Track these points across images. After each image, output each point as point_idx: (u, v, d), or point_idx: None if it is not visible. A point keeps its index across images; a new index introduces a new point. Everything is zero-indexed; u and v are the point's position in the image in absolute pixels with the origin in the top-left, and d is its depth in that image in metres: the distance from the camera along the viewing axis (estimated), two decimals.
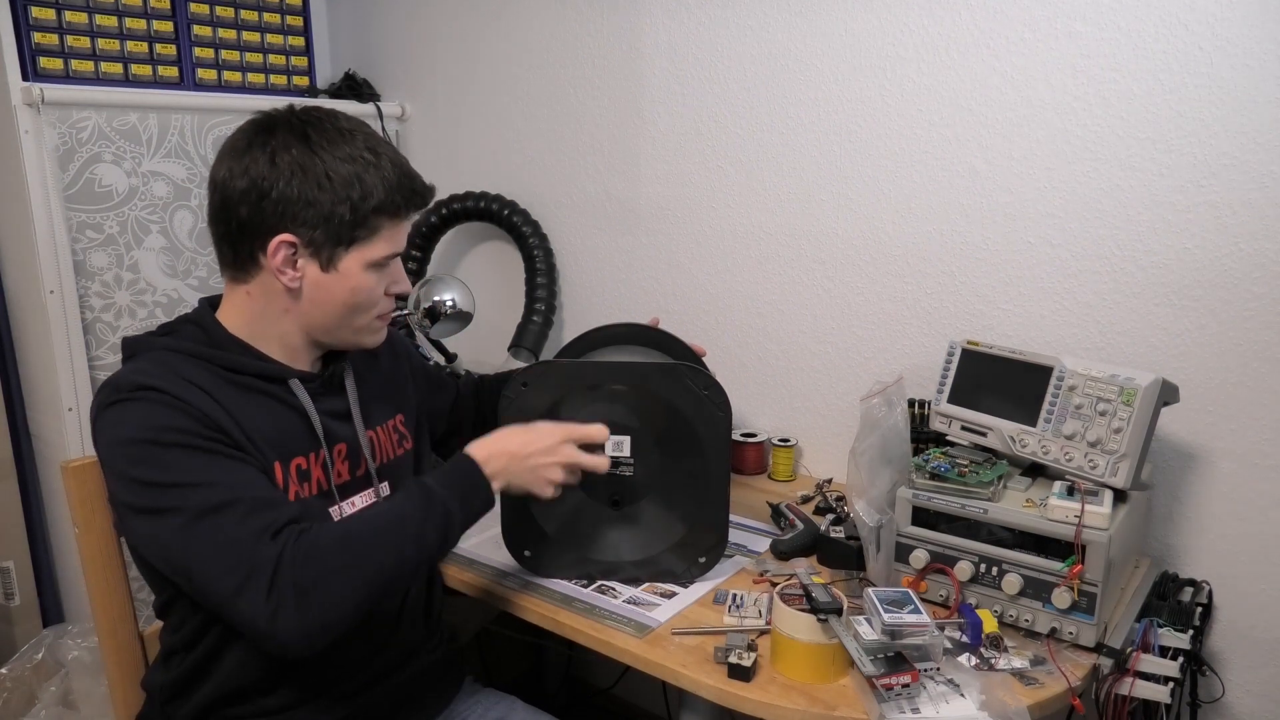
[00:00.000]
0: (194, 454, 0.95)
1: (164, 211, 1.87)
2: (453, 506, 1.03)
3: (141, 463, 0.95)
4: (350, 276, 1.05)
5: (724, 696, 1.04)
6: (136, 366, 1.01)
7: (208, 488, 0.94)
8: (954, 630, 1.12)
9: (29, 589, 1.96)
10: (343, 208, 1.01)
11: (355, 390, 1.16)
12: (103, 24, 1.81)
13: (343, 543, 0.96)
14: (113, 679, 1.20)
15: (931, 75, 1.49)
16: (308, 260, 1.03)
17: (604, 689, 2.05)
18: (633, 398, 1.24)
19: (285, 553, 0.92)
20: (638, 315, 1.87)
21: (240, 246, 1.04)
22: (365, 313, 1.09)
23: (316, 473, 1.09)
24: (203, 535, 0.93)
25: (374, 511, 1.03)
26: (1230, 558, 1.34)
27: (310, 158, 1.00)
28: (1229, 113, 1.25)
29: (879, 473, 1.22)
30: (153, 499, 0.95)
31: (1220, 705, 1.37)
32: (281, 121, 1.03)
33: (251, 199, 1.00)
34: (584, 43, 1.88)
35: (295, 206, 1.00)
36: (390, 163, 1.05)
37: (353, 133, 1.04)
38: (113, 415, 0.97)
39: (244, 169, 1.01)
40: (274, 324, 1.07)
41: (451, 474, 1.06)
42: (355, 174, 1.02)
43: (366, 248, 1.05)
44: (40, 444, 1.93)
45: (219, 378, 1.03)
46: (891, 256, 1.59)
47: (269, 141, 1.01)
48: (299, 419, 1.08)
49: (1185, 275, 1.32)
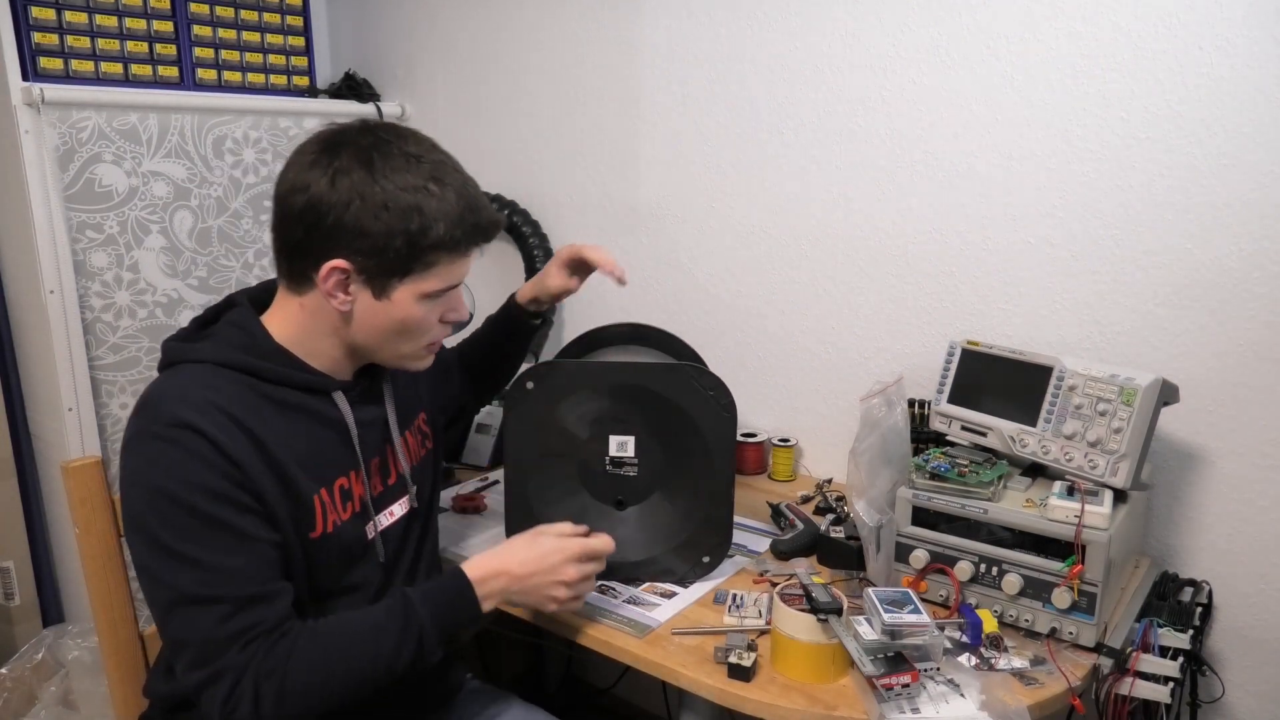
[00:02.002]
0: (209, 527, 0.94)
1: (164, 211, 1.87)
2: (430, 633, 1.01)
3: (158, 516, 0.93)
4: (402, 307, 1.02)
5: (724, 696, 1.04)
6: (180, 389, 0.97)
7: (206, 572, 0.93)
8: (954, 630, 1.12)
9: (29, 589, 1.96)
10: (398, 240, 0.98)
11: (392, 398, 1.16)
12: (103, 24, 1.81)
13: (314, 660, 0.96)
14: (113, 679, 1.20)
15: (931, 75, 1.49)
16: (360, 287, 1.00)
17: (604, 689, 2.05)
18: (637, 398, 1.24)
19: (253, 665, 0.93)
20: (638, 315, 1.86)
21: (294, 263, 1.01)
22: (415, 340, 1.07)
23: (357, 489, 1.09)
24: (185, 620, 0.94)
25: (352, 625, 1.00)
26: (1230, 558, 1.34)
27: (370, 185, 0.97)
28: (1229, 113, 1.25)
29: (879, 473, 1.22)
30: (155, 560, 0.94)
31: (1220, 705, 1.37)
32: (349, 140, 0.99)
33: (307, 220, 0.97)
34: (584, 43, 1.88)
35: (349, 234, 0.97)
36: (455, 194, 1.01)
37: (420, 159, 1.00)
38: (148, 450, 0.95)
39: (304, 186, 0.97)
40: (322, 339, 1.05)
41: (441, 593, 1.04)
42: (415, 205, 0.98)
43: (422, 280, 1.02)
44: (40, 444, 1.93)
45: (260, 396, 1.00)
46: (891, 256, 1.59)
47: (333, 162, 0.98)
48: (337, 435, 1.07)
49: (1185, 275, 1.32)
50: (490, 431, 1.77)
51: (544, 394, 1.24)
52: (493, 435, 1.76)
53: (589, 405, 1.25)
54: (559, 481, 1.28)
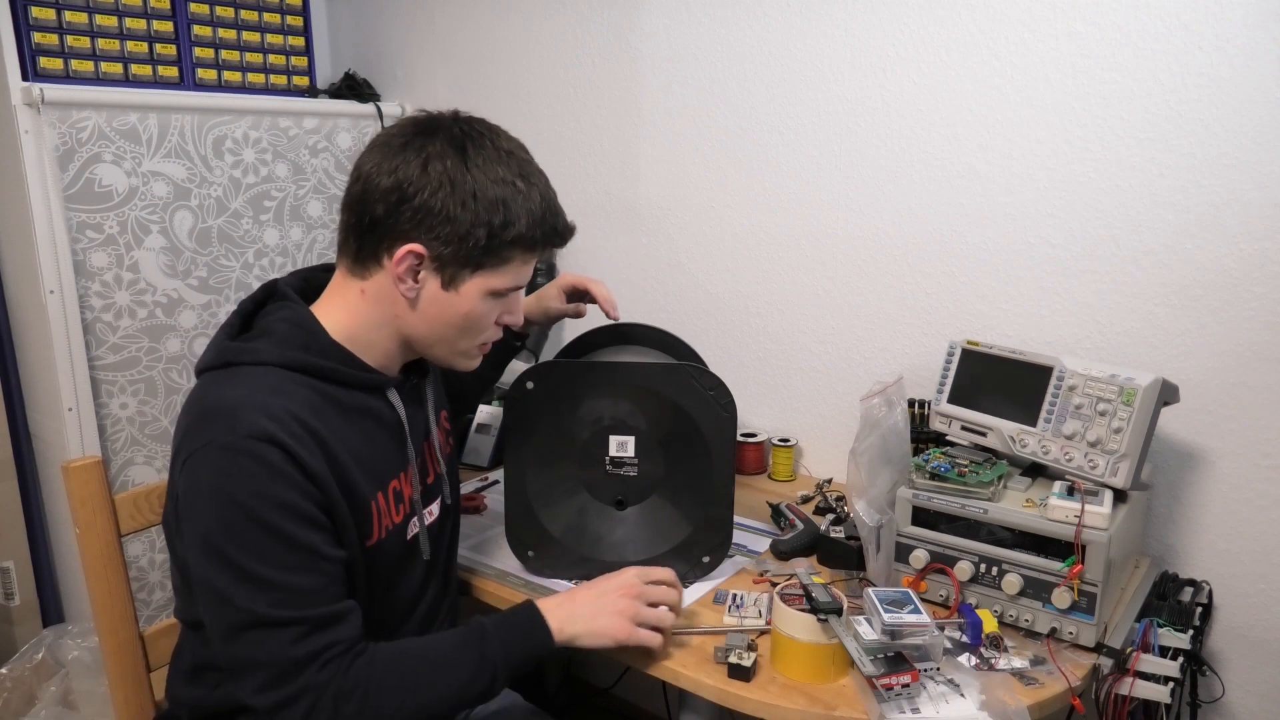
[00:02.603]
0: (285, 545, 0.91)
1: (164, 211, 1.87)
2: (502, 669, 1.00)
3: (232, 534, 0.91)
4: (468, 300, 1.02)
5: (724, 696, 1.04)
6: (254, 397, 0.94)
7: (281, 593, 0.91)
8: (954, 630, 1.12)
9: (29, 589, 1.96)
10: (481, 230, 0.98)
11: (431, 396, 1.15)
12: (103, 24, 1.81)
13: (393, 684, 0.95)
14: (113, 679, 1.20)
15: (931, 75, 1.49)
16: (430, 274, 1.00)
17: (604, 689, 2.05)
18: (637, 397, 1.24)
19: (333, 684, 0.92)
20: (638, 315, 1.87)
21: (366, 242, 1.00)
22: (472, 338, 1.07)
23: (407, 490, 1.08)
24: (257, 642, 0.91)
25: (429, 652, 1.00)
26: (1230, 558, 1.34)
27: (462, 173, 0.97)
28: (1228, 113, 1.25)
29: (879, 473, 1.22)
30: (227, 582, 0.91)
31: (1220, 705, 1.37)
32: (443, 127, 1.00)
33: (392, 199, 0.97)
34: (584, 43, 1.88)
35: (433, 219, 0.97)
36: (540, 195, 1.02)
37: (510, 154, 1.01)
38: (223, 463, 0.91)
39: (393, 167, 0.97)
40: (378, 329, 1.04)
41: (514, 625, 1.04)
42: (502, 199, 0.98)
43: (492, 275, 1.02)
44: (40, 444, 1.93)
45: (323, 398, 0.99)
46: (891, 256, 1.59)
47: (426, 146, 0.97)
48: (390, 435, 1.06)
49: (1185, 275, 1.32)
50: (490, 431, 1.77)
51: (544, 394, 1.24)
52: (493, 435, 1.76)
53: (589, 405, 1.25)
54: (559, 481, 1.28)
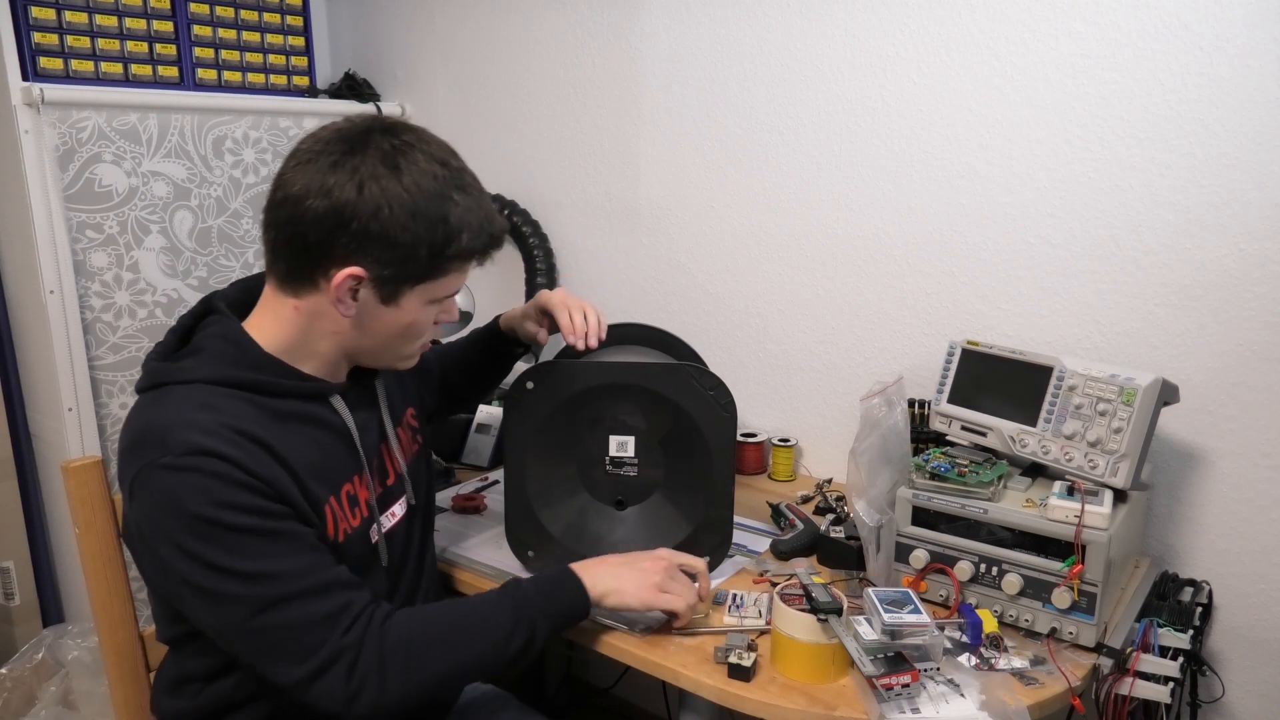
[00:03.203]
0: (260, 539, 0.91)
1: (164, 211, 1.87)
2: (542, 622, 1.02)
3: (203, 542, 0.89)
4: (409, 312, 1.01)
5: (724, 696, 1.04)
6: (182, 415, 0.92)
7: (272, 580, 0.90)
8: (954, 630, 1.12)
9: (29, 589, 1.96)
10: (423, 250, 0.96)
11: (384, 396, 1.15)
12: (103, 24, 1.81)
13: (435, 638, 0.96)
14: (113, 679, 1.20)
15: (931, 75, 1.49)
16: (369, 292, 0.98)
17: (604, 689, 2.05)
18: (637, 398, 1.24)
19: (368, 643, 0.92)
20: (638, 315, 1.87)
21: (300, 264, 0.97)
22: (412, 343, 1.07)
23: (362, 494, 1.08)
24: (270, 626, 0.91)
25: (465, 608, 1.01)
26: (1230, 558, 1.34)
27: (400, 192, 0.93)
28: (1229, 113, 1.25)
29: (879, 473, 1.22)
30: (214, 582, 0.90)
31: (1220, 705, 1.37)
32: (372, 141, 0.95)
33: (328, 225, 0.93)
34: (584, 43, 1.88)
35: (373, 243, 0.94)
36: (477, 204, 0.99)
37: (444, 164, 0.98)
38: (169, 481, 0.89)
39: (325, 189, 0.92)
40: (317, 342, 1.02)
41: (552, 582, 1.06)
42: (442, 216, 0.96)
43: (433, 287, 1.01)
44: (40, 444, 1.93)
45: (260, 410, 0.96)
46: (891, 256, 1.59)
47: (358, 165, 0.93)
48: (338, 439, 1.05)
49: (1185, 275, 1.32)
50: (490, 431, 1.77)
51: (544, 394, 1.24)
52: (493, 435, 1.76)
53: (589, 405, 1.25)
54: (559, 481, 1.28)
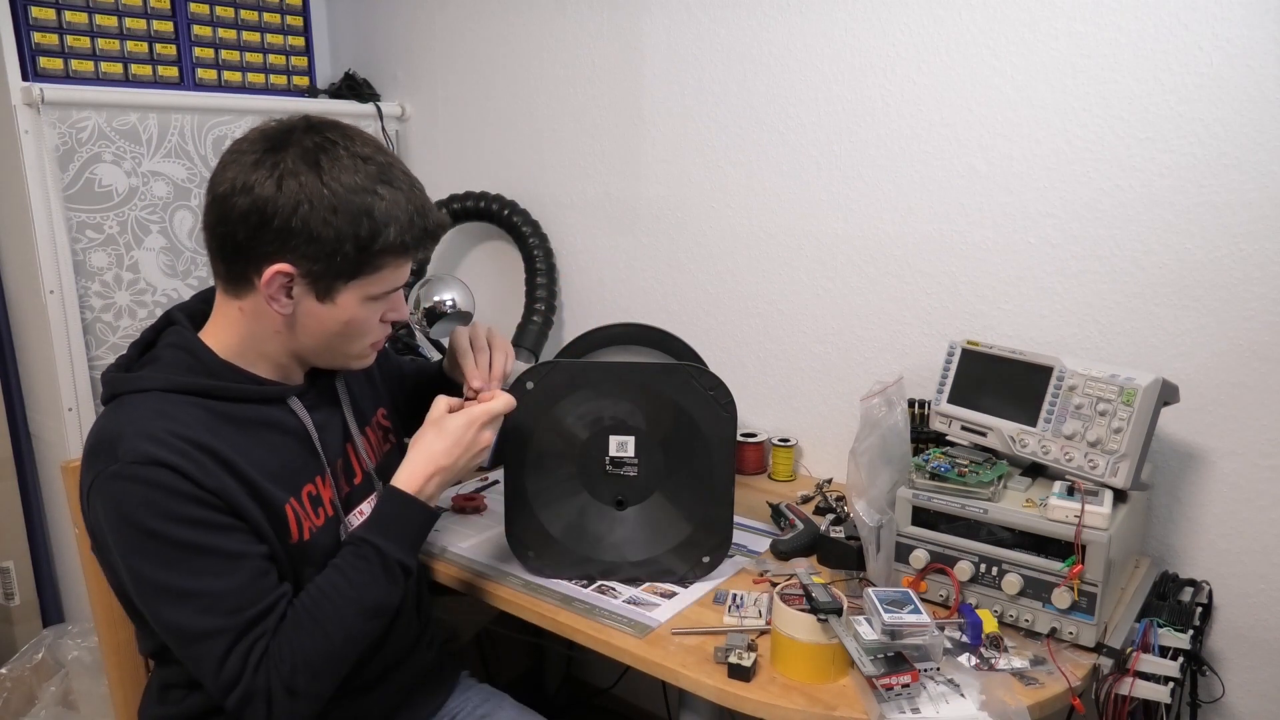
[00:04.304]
0: (197, 555, 0.93)
1: (164, 211, 1.87)
2: (407, 559, 1.04)
3: (144, 554, 0.92)
4: (347, 309, 1.01)
5: (724, 696, 1.04)
6: (135, 424, 0.94)
7: (202, 600, 0.93)
8: (954, 630, 1.12)
9: (29, 589, 1.96)
10: (348, 245, 0.96)
11: (347, 396, 1.15)
12: (103, 24, 1.81)
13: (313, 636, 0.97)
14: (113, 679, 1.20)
15: (931, 75, 1.49)
16: (304, 290, 0.98)
17: (604, 689, 2.05)
18: (637, 398, 1.24)
19: (273, 677, 0.94)
20: (638, 315, 1.87)
21: (233, 265, 0.98)
22: (359, 341, 1.07)
23: (326, 493, 1.08)
24: (197, 655, 0.95)
25: (334, 588, 1.00)
26: (1230, 558, 1.34)
27: (319, 188, 0.94)
28: (1229, 113, 1.25)
29: (879, 473, 1.22)
30: (151, 594, 0.94)
31: (1220, 705, 1.37)
32: (294, 139, 0.96)
33: (251, 222, 0.94)
34: (584, 43, 1.88)
35: (296, 239, 0.94)
36: (405, 198, 0.99)
37: (368, 160, 0.97)
38: (115, 492, 0.91)
39: (246, 187, 0.94)
40: (264, 343, 1.03)
41: (392, 521, 1.05)
42: (365, 209, 0.95)
43: (368, 283, 1.00)
44: (40, 444, 1.93)
45: (215, 416, 0.98)
46: (891, 256, 1.59)
47: (279, 162, 0.94)
48: (298, 441, 1.06)
49: (1185, 275, 1.32)
50: None
51: (544, 394, 1.24)
52: None
53: (589, 405, 1.25)
54: (559, 481, 1.28)
